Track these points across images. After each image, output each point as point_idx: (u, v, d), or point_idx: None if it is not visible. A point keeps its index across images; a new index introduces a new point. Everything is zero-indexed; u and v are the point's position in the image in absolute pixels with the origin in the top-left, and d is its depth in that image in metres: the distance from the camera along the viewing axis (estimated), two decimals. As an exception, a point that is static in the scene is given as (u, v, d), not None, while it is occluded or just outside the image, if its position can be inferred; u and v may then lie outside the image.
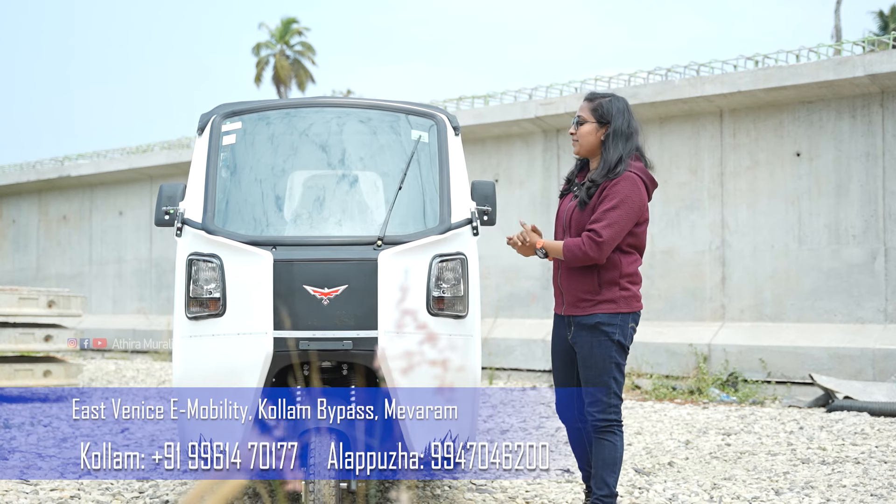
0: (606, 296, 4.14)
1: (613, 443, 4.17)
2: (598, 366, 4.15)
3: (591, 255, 4.08)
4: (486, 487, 5.32)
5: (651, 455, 6.33)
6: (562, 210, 4.33)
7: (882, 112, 9.55)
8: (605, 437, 4.19)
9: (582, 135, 4.25)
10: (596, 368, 4.16)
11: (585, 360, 4.18)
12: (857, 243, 9.58)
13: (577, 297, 4.18)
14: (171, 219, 4.34)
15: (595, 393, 4.19)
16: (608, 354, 4.14)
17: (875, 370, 9.03)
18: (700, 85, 10.22)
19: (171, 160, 15.37)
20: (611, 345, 4.14)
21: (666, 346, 10.25)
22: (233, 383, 4.07)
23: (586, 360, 4.18)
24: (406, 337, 4.09)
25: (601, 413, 4.18)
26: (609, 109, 4.25)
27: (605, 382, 4.15)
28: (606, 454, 4.16)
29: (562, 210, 4.33)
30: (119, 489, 5.21)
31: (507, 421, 7.84)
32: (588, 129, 4.25)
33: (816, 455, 6.26)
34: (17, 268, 18.06)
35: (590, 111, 4.27)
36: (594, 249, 4.07)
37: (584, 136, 4.25)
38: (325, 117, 4.60)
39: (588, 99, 4.32)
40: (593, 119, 4.25)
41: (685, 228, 10.61)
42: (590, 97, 4.32)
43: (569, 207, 4.27)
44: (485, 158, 12.19)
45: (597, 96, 4.31)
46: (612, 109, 4.25)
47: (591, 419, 4.21)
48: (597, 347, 4.14)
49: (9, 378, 9.14)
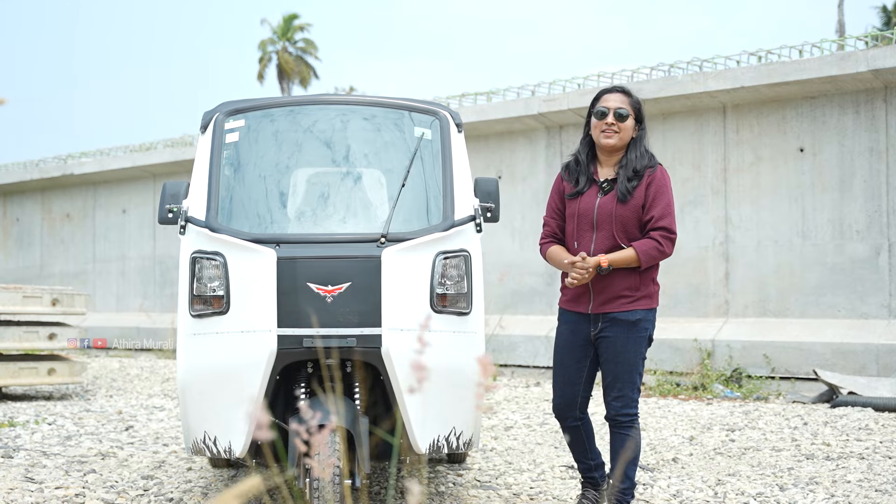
0: (644, 292, 4.20)
1: (635, 437, 4.23)
2: (631, 361, 4.19)
3: (668, 252, 4.16)
4: (490, 484, 5.33)
5: (655, 451, 6.33)
6: (586, 206, 4.23)
7: (886, 107, 9.53)
8: (627, 432, 4.22)
9: (625, 128, 4.24)
10: (628, 364, 4.18)
11: (618, 355, 4.18)
12: (860, 239, 9.57)
13: (614, 294, 4.16)
14: (175, 217, 4.34)
15: (623, 388, 4.20)
16: (640, 350, 4.21)
17: (879, 365, 9.03)
18: (703, 80, 10.21)
19: (174, 158, 15.38)
20: (644, 340, 4.22)
21: (670, 342, 10.24)
22: (237, 381, 4.07)
23: (618, 356, 4.18)
24: (410, 334, 4.09)
25: (626, 408, 4.20)
26: (641, 107, 4.34)
27: (633, 378, 4.21)
28: (630, 448, 4.20)
29: (586, 206, 4.23)
30: (124, 487, 5.22)
31: (511, 417, 7.84)
32: (630, 124, 4.26)
33: (821, 451, 6.25)
34: (21, 266, 18.07)
35: (630, 106, 4.27)
36: (670, 246, 4.16)
37: (626, 130, 4.25)
38: (328, 114, 4.60)
39: (625, 93, 4.31)
40: (633, 114, 4.26)
41: (689, 224, 10.60)
42: (624, 91, 4.32)
43: (599, 203, 4.21)
44: (488, 155, 12.19)
45: (628, 91, 4.32)
46: (641, 107, 4.35)
47: (614, 413, 4.21)
48: (632, 343, 4.18)
49: (13, 376, 9.16)
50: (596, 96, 4.36)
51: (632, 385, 4.20)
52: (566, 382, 4.32)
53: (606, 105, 4.27)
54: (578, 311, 4.26)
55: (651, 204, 4.18)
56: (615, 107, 4.25)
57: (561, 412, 4.36)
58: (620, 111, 4.23)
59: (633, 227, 4.19)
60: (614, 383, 4.21)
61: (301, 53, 51.51)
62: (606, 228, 4.19)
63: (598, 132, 4.26)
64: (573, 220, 4.28)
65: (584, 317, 4.26)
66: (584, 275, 4.09)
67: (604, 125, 4.24)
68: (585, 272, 4.09)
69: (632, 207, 4.17)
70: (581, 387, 4.31)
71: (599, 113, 4.27)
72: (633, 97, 4.31)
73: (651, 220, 4.17)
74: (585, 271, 4.09)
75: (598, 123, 4.26)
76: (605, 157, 4.30)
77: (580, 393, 4.31)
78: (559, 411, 4.37)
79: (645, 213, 4.19)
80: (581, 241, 4.24)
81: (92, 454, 6.21)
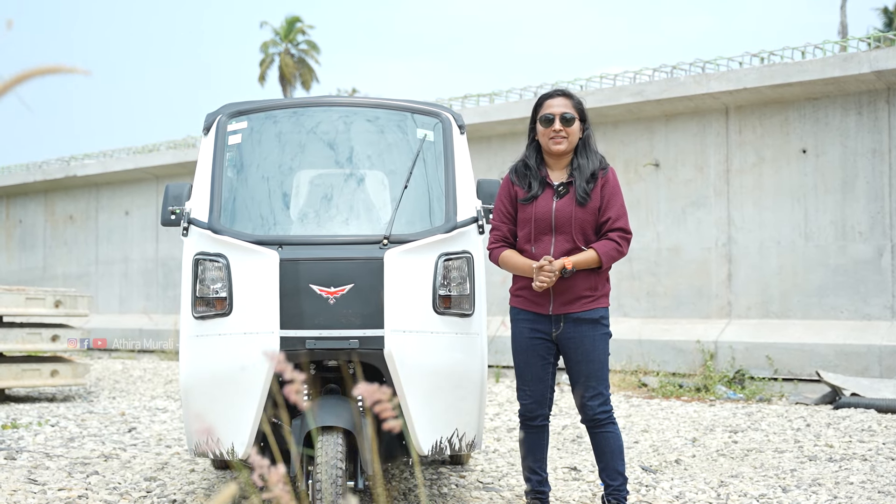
0: (602, 291, 4.25)
1: (616, 433, 4.25)
2: (601, 359, 4.21)
3: (625, 252, 4.22)
4: (492, 485, 5.33)
5: (658, 453, 6.33)
6: (543, 210, 4.21)
7: (888, 108, 9.53)
8: (608, 429, 4.24)
9: (572, 132, 4.24)
10: (598, 362, 4.20)
11: (587, 354, 4.18)
12: (863, 240, 9.57)
13: (575, 294, 4.17)
14: (178, 218, 4.35)
15: (597, 386, 4.21)
16: (606, 346, 4.25)
17: (882, 367, 9.02)
18: (706, 82, 10.21)
19: (177, 160, 15.40)
20: (607, 337, 4.25)
21: (672, 343, 10.24)
22: (239, 382, 4.07)
23: (588, 355, 4.18)
24: (412, 335, 4.09)
25: (602, 406, 4.21)
26: (584, 106, 4.35)
27: (604, 375, 4.23)
28: (614, 444, 4.23)
29: (543, 210, 4.21)
30: (127, 489, 5.22)
31: (513, 419, 7.84)
32: (577, 126, 4.26)
33: (824, 452, 6.25)
34: (24, 268, 18.09)
35: (574, 109, 4.27)
36: (627, 246, 4.22)
37: (573, 134, 4.24)
38: (331, 116, 4.61)
39: (566, 95, 4.29)
40: (578, 116, 4.26)
41: (691, 225, 10.60)
42: (565, 94, 4.30)
43: (556, 206, 4.19)
44: (490, 156, 12.19)
45: (569, 93, 4.31)
46: (584, 107, 4.36)
47: (592, 414, 4.21)
48: (599, 341, 4.20)
49: (16, 378, 9.16)
50: (538, 102, 4.33)
51: (604, 382, 4.22)
52: (535, 380, 4.26)
53: (551, 111, 4.24)
54: (537, 311, 4.23)
55: (606, 206, 4.20)
56: (560, 112, 4.23)
57: (531, 412, 4.29)
58: (566, 115, 4.22)
59: (590, 229, 4.21)
60: (587, 382, 4.20)
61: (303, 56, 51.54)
62: (566, 231, 4.18)
63: (547, 139, 4.24)
64: (528, 225, 4.24)
65: (543, 317, 4.22)
66: (551, 278, 4.09)
67: (551, 132, 4.22)
68: (553, 275, 4.08)
69: (590, 210, 4.19)
70: (549, 384, 4.29)
71: (545, 119, 4.24)
72: (575, 98, 4.31)
73: (608, 221, 4.19)
74: (553, 274, 4.08)
75: (546, 130, 4.24)
76: (554, 161, 4.29)
77: (549, 390, 4.30)
78: (529, 412, 4.30)
79: (601, 214, 4.20)
80: (539, 245, 4.20)
81: (95, 456, 6.22)
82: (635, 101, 10.54)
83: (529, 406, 4.30)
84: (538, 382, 4.27)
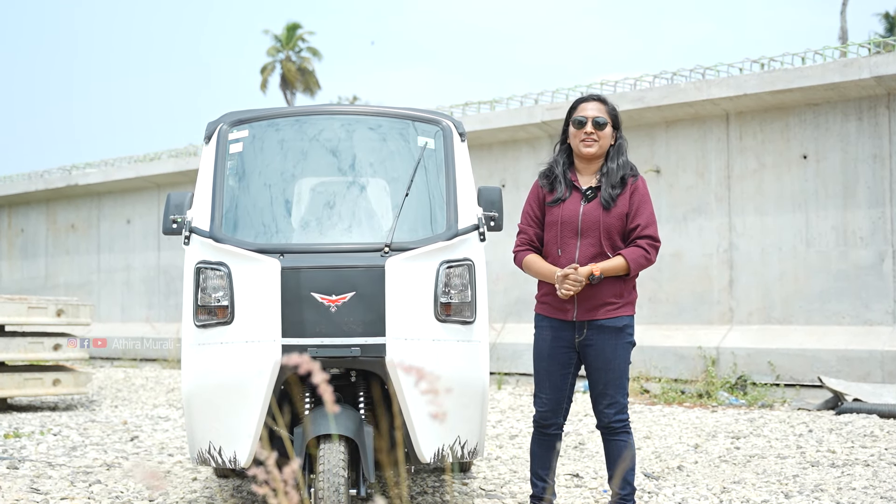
0: (628, 298, 4.23)
1: (629, 442, 4.24)
2: (621, 367, 4.20)
3: (653, 260, 4.22)
4: (495, 492, 5.32)
5: (660, 459, 6.32)
6: (570, 213, 4.22)
7: (888, 114, 9.53)
8: (622, 438, 4.23)
9: (604, 136, 4.25)
10: (618, 370, 4.20)
11: (608, 362, 4.18)
12: (864, 245, 9.57)
13: (600, 301, 4.16)
14: (179, 227, 4.36)
15: (615, 395, 4.21)
16: (628, 355, 4.23)
17: (884, 372, 9.01)
18: (706, 88, 10.22)
19: (178, 168, 15.41)
20: (630, 346, 4.24)
21: (674, 349, 10.24)
22: (241, 391, 4.07)
23: (609, 363, 4.18)
24: (414, 343, 4.09)
25: (620, 414, 4.21)
26: (618, 114, 4.36)
27: (623, 384, 4.22)
28: (626, 454, 4.21)
29: (570, 213, 4.22)
30: (129, 497, 5.22)
31: (515, 426, 7.84)
32: (609, 132, 4.27)
33: (826, 458, 6.24)
34: (26, 277, 18.11)
35: (608, 114, 4.28)
36: (655, 254, 4.22)
37: (605, 138, 4.25)
38: (332, 125, 4.62)
39: (601, 100, 4.31)
40: (610, 121, 4.27)
41: (692, 231, 10.60)
42: (600, 99, 4.32)
43: (583, 210, 4.20)
44: (491, 163, 12.20)
45: (604, 99, 4.33)
46: (618, 114, 4.37)
47: (608, 421, 4.21)
48: (621, 349, 4.19)
49: (18, 387, 9.17)
50: (572, 105, 4.35)
51: (623, 391, 4.22)
52: (553, 389, 4.26)
53: (584, 114, 4.26)
54: (561, 318, 4.23)
55: (636, 213, 4.20)
56: (593, 115, 4.25)
57: (546, 420, 4.29)
58: (598, 119, 4.24)
59: (617, 234, 4.20)
60: (606, 390, 4.20)
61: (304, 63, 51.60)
62: (592, 235, 4.18)
63: (578, 141, 4.26)
64: (554, 228, 4.25)
65: (567, 323, 4.22)
66: (577, 286, 4.09)
67: (583, 134, 4.24)
68: (579, 283, 4.08)
69: (616, 215, 4.19)
70: (566, 393, 4.29)
71: (578, 122, 4.26)
72: (610, 104, 4.33)
73: (637, 227, 4.19)
74: (579, 282, 4.08)
75: (577, 133, 4.26)
76: (584, 165, 4.30)
77: (566, 399, 4.30)
78: (544, 419, 4.29)
79: (630, 221, 4.20)
80: (565, 249, 4.20)
81: (97, 465, 6.22)
82: (636, 108, 10.55)
83: (545, 414, 4.30)
84: (556, 391, 4.26)
